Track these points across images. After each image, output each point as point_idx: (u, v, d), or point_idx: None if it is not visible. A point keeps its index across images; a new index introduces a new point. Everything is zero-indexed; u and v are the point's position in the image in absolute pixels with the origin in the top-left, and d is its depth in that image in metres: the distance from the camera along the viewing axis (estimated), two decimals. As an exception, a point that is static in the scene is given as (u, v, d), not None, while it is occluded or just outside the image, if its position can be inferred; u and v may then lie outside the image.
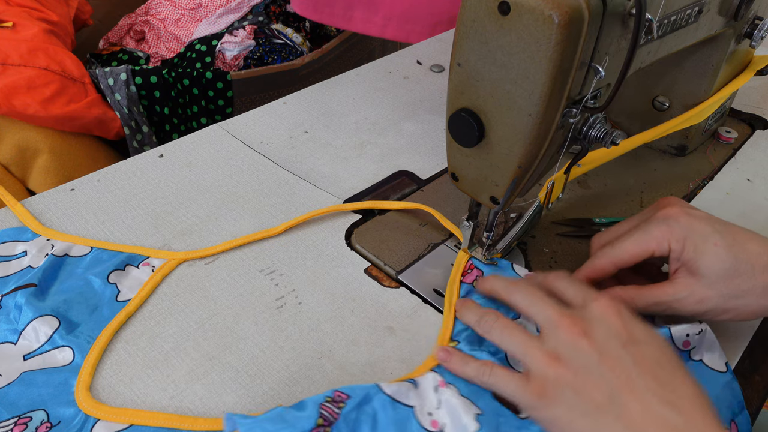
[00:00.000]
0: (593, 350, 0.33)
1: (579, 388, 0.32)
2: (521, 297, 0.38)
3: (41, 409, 0.36)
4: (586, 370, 0.33)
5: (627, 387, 0.32)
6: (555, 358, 0.34)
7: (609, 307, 0.35)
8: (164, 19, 1.36)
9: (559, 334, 0.34)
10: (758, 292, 0.37)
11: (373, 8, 0.89)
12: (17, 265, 0.45)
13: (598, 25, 0.34)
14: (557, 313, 0.35)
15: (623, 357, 0.32)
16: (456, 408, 0.35)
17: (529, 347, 0.35)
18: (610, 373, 0.32)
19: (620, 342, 0.33)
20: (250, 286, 0.45)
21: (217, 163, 0.58)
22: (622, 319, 0.34)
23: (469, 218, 0.46)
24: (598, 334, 0.34)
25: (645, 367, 0.32)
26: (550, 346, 0.34)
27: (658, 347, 0.33)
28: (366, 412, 0.34)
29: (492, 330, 0.38)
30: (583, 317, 0.35)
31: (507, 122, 0.37)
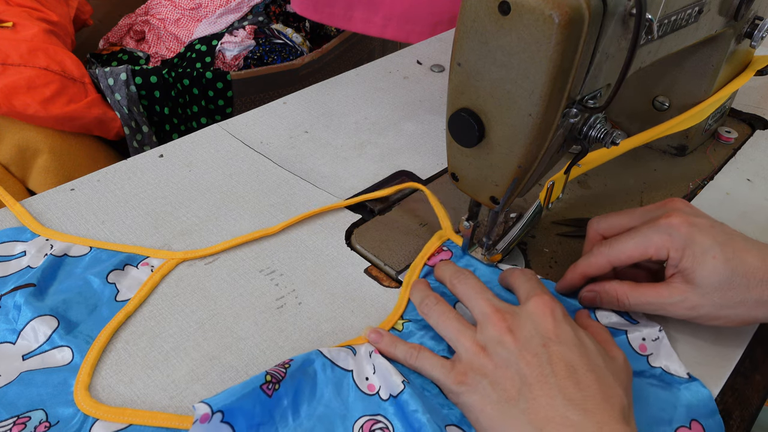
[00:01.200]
0: (515, 346, 0.35)
1: (495, 379, 0.34)
2: (463, 289, 0.40)
3: (40, 409, 0.36)
4: (505, 363, 0.35)
5: (537, 383, 0.33)
6: (481, 349, 0.36)
7: (543, 306, 0.36)
8: (164, 19, 1.36)
9: (488, 328, 0.36)
10: (750, 304, 0.38)
11: (373, 8, 0.89)
12: (16, 265, 0.45)
13: (598, 25, 0.33)
14: (490, 308, 0.37)
15: (541, 355, 0.34)
16: (387, 369, 0.37)
17: (460, 335, 0.37)
18: (525, 368, 0.34)
19: (542, 341, 0.35)
20: (250, 286, 0.45)
21: (217, 163, 0.58)
22: (552, 319, 0.36)
23: (469, 218, 0.46)
24: (523, 331, 0.35)
25: (559, 366, 0.33)
26: (479, 338, 0.36)
27: (580, 351, 0.34)
28: (308, 372, 0.37)
29: (431, 313, 0.40)
30: (514, 314, 0.37)
31: (507, 122, 0.37)
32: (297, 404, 0.36)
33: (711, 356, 0.41)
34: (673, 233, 0.39)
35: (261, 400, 0.35)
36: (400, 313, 0.43)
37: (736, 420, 0.38)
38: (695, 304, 0.39)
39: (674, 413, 0.37)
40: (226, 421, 0.34)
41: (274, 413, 0.35)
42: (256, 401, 0.35)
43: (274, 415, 0.35)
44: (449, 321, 0.39)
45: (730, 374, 0.40)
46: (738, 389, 0.40)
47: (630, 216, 0.43)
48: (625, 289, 0.41)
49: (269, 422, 0.35)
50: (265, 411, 0.35)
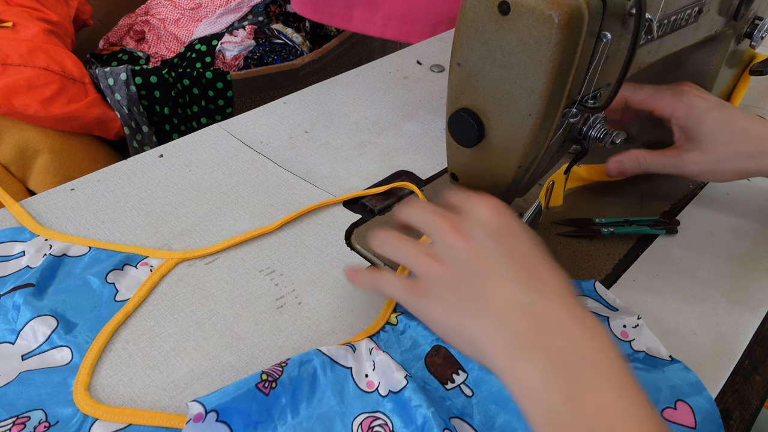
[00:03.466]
0: (465, 246, 0.35)
1: (451, 283, 0.35)
2: (415, 215, 0.39)
3: (39, 409, 0.36)
4: (459, 265, 0.35)
5: (492, 276, 0.33)
6: (436, 259, 0.36)
7: (489, 206, 0.36)
8: (164, 19, 1.36)
9: (440, 237, 0.36)
10: (743, 157, 0.46)
11: (373, 8, 0.89)
12: (15, 265, 0.45)
13: (598, 25, 0.33)
14: (439, 218, 0.37)
15: (490, 247, 0.34)
16: (388, 365, 0.37)
17: (415, 254, 0.37)
18: (477, 263, 0.34)
19: (490, 235, 0.35)
20: (250, 286, 0.45)
21: (217, 163, 0.58)
22: (498, 216, 0.36)
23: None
24: (472, 231, 0.35)
25: (510, 256, 0.34)
26: (433, 250, 0.36)
27: (526, 239, 0.35)
28: (307, 370, 0.37)
29: (386, 247, 0.39)
30: (462, 218, 0.37)
31: (507, 122, 0.37)
32: (296, 402, 0.36)
33: (711, 356, 0.41)
34: (681, 96, 0.48)
35: (257, 398, 0.35)
36: (393, 305, 0.43)
37: (736, 420, 0.38)
38: (697, 160, 0.47)
39: (659, 395, 0.38)
40: (221, 421, 0.34)
41: (272, 411, 0.35)
42: (253, 400, 0.35)
43: (273, 413, 0.35)
44: (403, 246, 0.38)
45: (730, 374, 0.40)
46: (738, 389, 0.40)
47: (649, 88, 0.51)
48: (644, 153, 0.50)
49: (267, 420, 0.35)
50: (262, 409, 0.35)
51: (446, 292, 0.35)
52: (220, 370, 0.39)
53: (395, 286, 0.38)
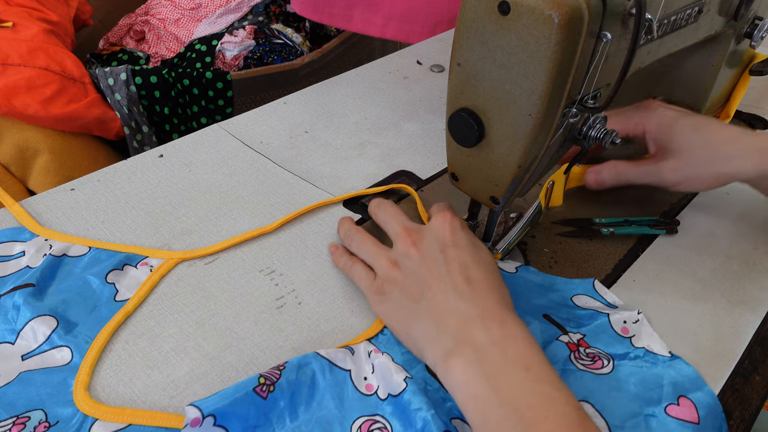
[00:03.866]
0: (418, 256, 0.40)
1: (404, 287, 0.40)
2: (381, 216, 0.46)
3: (39, 409, 0.36)
4: (411, 272, 0.40)
5: (435, 283, 0.38)
6: (393, 264, 0.41)
7: (443, 220, 0.42)
8: (164, 19, 1.36)
9: (398, 245, 0.42)
10: (720, 160, 0.46)
11: (373, 8, 0.89)
12: (15, 265, 0.45)
13: (597, 25, 0.33)
14: (400, 228, 0.43)
15: (438, 259, 0.39)
16: (388, 368, 0.38)
17: (377, 256, 0.43)
18: (426, 272, 0.39)
19: (440, 247, 0.40)
20: (250, 286, 0.45)
21: (217, 163, 0.58)
22: (451, 229, 0.41)
23: (469, 218, 0.46)
24: (425, 243, 0.41)
25: (453, 266, 0.39)
26: (391, 255, 0.42)
27: (472, 252, 0.40)
28: (305, 373, 0.37)
29: (352, 242, 0.45)
30: (419, 230, 0.42)
31: (507, 122, 0.37)
32: (294, 405, 0.36)
33: (711, 356, 0.41)
34: (648, 111, 0.49)
35: (255, 402, 0.35)
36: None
37: (736, 420, 0.38)
38: (675, 167, 0.47)
39: (661, 392, 0.38)
40: (219, 425, 0.34)
41: (270, 415, 0.35)
42: (250, 404, 0.35)
43: (271, 417, 0.35)
44: (368, 245, 0.44)
45: (730, 374, 0.40)
46: (738, 389, 0.40)
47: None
48: (622, 165, 0.50)
49: (265, 424, 0.35)
50: (260, 413, 0.35)
51: (399, 295, 0.40)
52: (220, 371, 0.39)
53: (361, 278, 0.43)
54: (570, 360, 0.40)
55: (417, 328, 0.38)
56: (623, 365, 0.40)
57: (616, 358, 0.40)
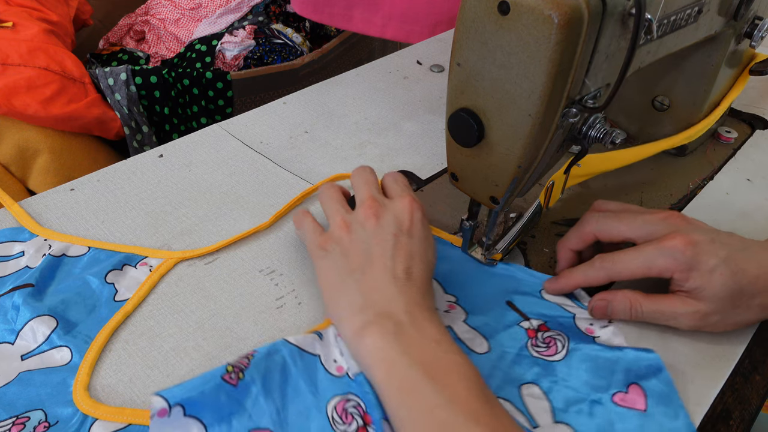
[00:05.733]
0: (373, 229, 0.41)
1: (346, 251, 0.41)
2: (356, 179, 0.46)
3: (39, 409, 0.36)
4: (360, 241, 0.41)
5: (378, 261, 0.39)
6: (346, 225, 0.42)
7: (408, 205, 0.42)
8: (164, 19, 1.36)
9: (359, 211, 0.42)
10: (754, 309, 0.40)
11: (373, 8, 0.89)
12: (14, 266, 0.45)
13: (597, 25, 0.33)
14: (367, 196, 0.43)
15: (389, 241, 0.40)
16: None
17: (335, 213, 0.43)
18: (374, 248, 0.40)
19: (396, 230, 0.41)
20: (250, 286, 0.45)
21: (217, 163, 0.58)
22: (410, 216, 0.42)
23: (469, 218, 0.46)
24: (384, 220, 0.41)
25: (400, 252, 0.40)
26: (348, 217, 0.43)
27: (422, 248, 0.41)
28: (275, 360, 0.38)
29: (322, 193, 0.46)
30: (383, 205, 0.43)
31: (507, 122, 0.37)
32: (268, 390, 0.36)
33: (711, 356, 0.41)
34: (677, 256, 0.40)
35: (225, 390, 0.35)
36: None
37: (736, 420, 0.38)
38: (705, 314, 0.40)
39: (611, 379, 0.38)
40: (191, 415, 0.33)
41: (244, 401, 0.35)
42: (220, 391, 0.35)
43: (245, 403, 0.35)
44: (332, 201, 0.44)
45: (729, 374, 0.40)
46: (738, 389, 0.40)
47: (629, 226, 0.43)
48: (638, 298, 0.42)
49: (240, 411, 0.35)
50: (232, 400, 0.35)
51: (339, 256, 0.41)
52: (220, 370, 0.39)
53: (309, 230, 0.44)
54: (526, 347, 0.41)
55: (343, 296, 0.39)
56: (578, 350, 0.40)
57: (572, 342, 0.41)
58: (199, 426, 0.33)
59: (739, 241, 0.41)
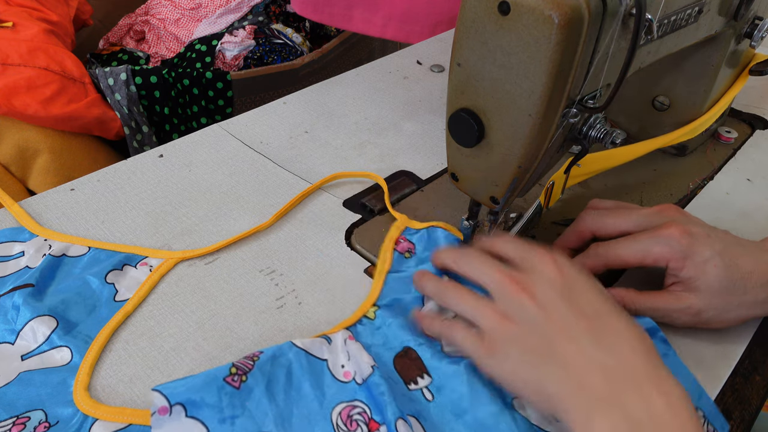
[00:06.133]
0: (534, 305, 0.35)
1: (523, 342, 0.35)
2: (470, 267, 0.40)
3: (39, 409, 0.36)
4: (529, 324, 0.35)
5: (564, 335, 0.34)
6: (503, 316, 0.36)
7: (548, 261, 0.37)
8: (164, 19, 1.36)
9: (504, 294, 0.37)
10: (748, 305, 0.40)
11: (373, 8, 0.89)
12: (14, 266, 0.45)
13: (598, 25, 0.33)
14: (501, 275, 0.37)
15: (561, 308, 0.35)
16: (360, 352, 0.38)
17: (479, 308, 0.37)
18: (549, 324, 0.35)
19: (558, 293, 0.35)
20: (250, 286, 0.45)
21: (217, 163, 0.58)
22: (560, 271, 0.37)
23: (469, 218, 0.46)
24: (538, 289, 0.36)
25: (581, 315, 0.34)
26: (499, 307, 0.37)
27: (595, 295, 0.36)
28: (281, 363, 0.37)
29: (447, 297, 0.40)
30: (525, 275, 0.37)
31: (507, 122, 0.37)
32: (272, 393, 0.36)
33: (711, 356, 0.41)
34: (672, 244, 0.40)
35: (227, 392, 0.35)
36: (372, 300, 0.43)
37: (736, 420, 0.38)
38: (699, 310, 0.40)
39: None
40: (192, 416, 0.33)
41: (247, 404, 0.35)
42: (222, 393, 0.34)
43: (249, 406, 0.35)
44: (466, 299, 0.39)
45: (729, 374, 0.40)
46: (738, 389, 0.40)
47: (626, 220, 0.43)
48: (632, 296, 0.41)
49: (243, 414, 0.35)
50: (235, 403, 0.35)
51: (519, 352, 0.35)
52: (220, 370, 0.39)
53: (466, 339, 0.37)
54: None
55: (551, 387, 0.33)
56: None
57: None
58: (201, 428, 0.33)
59: (734, 238, 0.42)
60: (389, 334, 0.40)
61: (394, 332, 0.40)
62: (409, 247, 0.47)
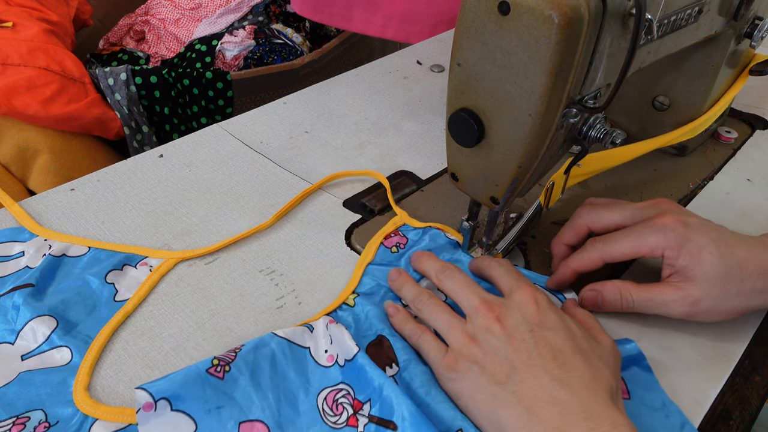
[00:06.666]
0: (503, 333, 0.36)
1: (485, 366, 0.36)
2: (450, 284, 0.41)
3: (39, 409, 0.36)
4: (494, 350, 0.36)
5: (525, 366, 0.35)
6: (471, 339, 0.37)
7: (528, 296, 0.38)
8: (164, 19, 1.36)
9: (478, 319, 0.38)
10: (746, 295, 0.40)
11: (373, 8, 0.89)
12: (14, 266, 0.45)
13: (597, 25, 0.33)
14: (479, 301, 0.39)
15: (527, 340, 0.36)
16: (342, 333, 0.39)
17: (452, 326, 0.39)
18: (513, 353, 0.35)
19: (529, 327, 0.36)
20: (250, 286, 0.45)
21: (217, 163, 0.58)
22: (537, 307, 0.38)
23: (469, 218, 0.46)
24: (511, 319, 0.37)
25: (546, 350, 0.35)
26: (469, 329, 0.38)
27: (564, 334, 0.36)
28: (264, 353, 0.37)
29: (424, 308, 0.41)
30: (502, 304, 0.38)
31: (507, 122, 0.37)
32: (258, 382, 0.36)
33: (711, 356, 0.41)
34: (667, 233, 0.40)
35: (211, 383, 0.35)
36: (352, 288, 0.44)
37: (736, 420, 0.38)
38: (696, 300, 0.40)
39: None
40: (178, 410, 0.34)
41: (233, 394, 0.35)
42: (206, 385, 0.35)
43: (235, 395, 0.35)
44: (441, 314, 0.40)
45: (729, 374, 0.40)
46: (738, 389, 0.40)
47: (621, 213, 0.44)
48: (628, 287, 0.42)
49: (229, 403, 0.35)
50: (220, 393, 0.35)
51: (478, 374, 0.36)
52: (220, 370, 0.39)
53: (431, 350, 0.39)
54: None
55: (502, 413, 0.34)
56: None
57: None
58: (188, 420, 0.34)
59: (729, 230, 0.42)
60: (366, 322, 0.41)
61: (372, 321, 0.41)
62: (399, 243, 0.48)
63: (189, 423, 0.34)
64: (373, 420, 0.35)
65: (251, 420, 0.35)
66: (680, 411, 0.37)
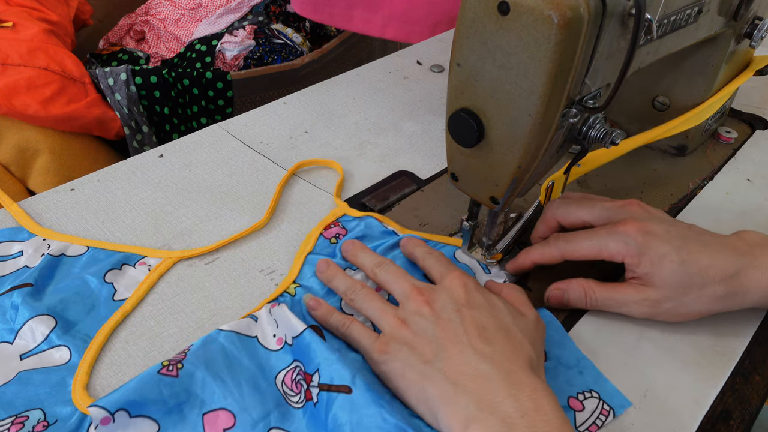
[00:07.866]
0: (431, 314, 0.38)
1: (414, 346, 0.37)
2: (385, 277, 0.43)
3: (38, 408, 0.36)
4: (423, 331, 0.38)
5: (452, 343, 0.36)
6: (402, 322, 0.39)
7: (456, 279, 0.40)
8: (164, 19, 1.36)
9: (408, 304, 0.39)
10: (705, 300, 0.40)
11: (373, 8, 0.89)
12: (13, 265, 0.45)
13: (597, 26, 0.33)
14: (410, 287, 0.40)
15: (454, 319, 0.37)
16: (286, 315, 0.40)
17: (383, 313, 0.40)
18: (441, 332, 0.37)
19: (456, 307, 0.38)
20: (250, 286, 0.45)
21: (217, 163, 0.58)
22: (465, 289, 0.39)
23: (469, 218, 0.46)
24: (439, 302, 0.39)
25: (471, 327, 0.37)
26: (400, 313, 0.39)
27: (489, 312, 0.38)
28: (214, 348, 0.38)
29: (356, 298, 0.42)
30: (432, 290, 0.40)
31: (507, 122, 0.37)
32: (215, 372, 0.36)
33: (711, 356, 0.41)
34: (628, 241, 0.41)
35: (166, 383, 0.35)
36: (293, 278, 0.45)
37: (736, 420, 0.38)
38: (656, 302, 0.41)
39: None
40: (138, 415, 0.34)
41: (191, 388, 0.35)
42: (161, 386, 0.35)
43: (193, 389, 0.35)
44: (373, 302, 0.41)
45: (729, 374, 0.40)
46: (738, 389, 0.40)
47: (589, 211, 0.45)
48: (592, 286, 0.43)
49: (190, 399, 0.35)
50: (177, 390, 0.35)
51: (408, 354, 0.37)
52: (220, 370, 0.39)
53: (361, 336, 0.40)
54: None
55: (431, 389, 0.35)
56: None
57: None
58: (150, 423, 0.34)
59: (697, 234, 0.42)
60: (305, 311, 0.42)
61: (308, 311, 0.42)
62: (338, 234, 0.49)
63: (152, 425, 0.34)
64: (323, 388, 0.35)
65: (214, 410, 0.35)
66: (593, 365, 0.40)
